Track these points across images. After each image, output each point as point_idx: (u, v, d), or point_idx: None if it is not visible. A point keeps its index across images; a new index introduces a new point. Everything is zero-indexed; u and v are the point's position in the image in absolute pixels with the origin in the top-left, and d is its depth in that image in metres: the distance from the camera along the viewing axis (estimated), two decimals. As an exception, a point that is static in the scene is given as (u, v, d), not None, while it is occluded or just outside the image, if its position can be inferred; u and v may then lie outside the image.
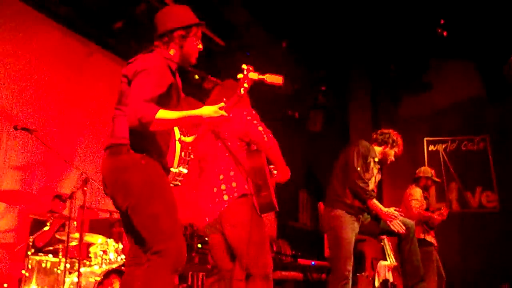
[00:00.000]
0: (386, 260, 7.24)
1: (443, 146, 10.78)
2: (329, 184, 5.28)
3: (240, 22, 8.54)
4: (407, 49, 9.71)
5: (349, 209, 4.99)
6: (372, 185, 5.23)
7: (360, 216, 5.06)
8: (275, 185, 4.12)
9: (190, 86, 8.36)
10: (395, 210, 5.08)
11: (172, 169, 3.23)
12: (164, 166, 3.23)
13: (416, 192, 7.37)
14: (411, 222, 5.19)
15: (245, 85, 3.21)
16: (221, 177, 3.90)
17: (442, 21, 8.85)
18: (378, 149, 5.40)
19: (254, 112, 3.99)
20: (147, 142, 3.14)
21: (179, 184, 3.32)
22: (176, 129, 3.31)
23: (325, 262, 7.17)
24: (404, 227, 4.95)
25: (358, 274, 7.32)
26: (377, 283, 7.10)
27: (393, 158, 5.49)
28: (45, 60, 7.42)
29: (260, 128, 3.89)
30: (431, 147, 10.87)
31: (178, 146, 3.30)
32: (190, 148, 3.31)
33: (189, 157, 3.30)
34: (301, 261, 7.97)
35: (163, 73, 3.18)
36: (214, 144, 4.02)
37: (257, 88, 4.02)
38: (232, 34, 8.65)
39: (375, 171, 5.30)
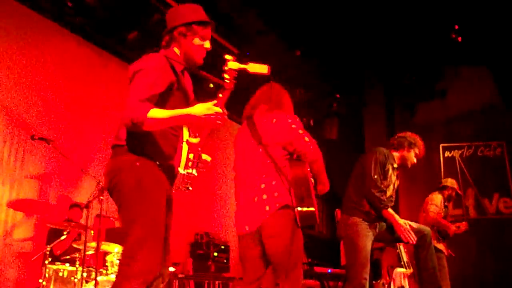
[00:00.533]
0: (401, 267, 7.20)
1: (459, 152, 10.71)
2: (345, 191, 5.25)
3: (254, 30, 8.56)
4: (421, 56, 9.67)
5: (365, 217, 4.95)
6: (390, 191, 5.18)
7: (377, 224, 5.02)
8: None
9: (205, 94, 8.38)
10: (409, 222, 5.06)
11: (179, 171, 3.06)
12: (168, 169, 3.15)
13: (437, 198, 7.35)
14: (427, 229, 5.14)
15: (226, 76, 3.13)
16: (263, 186, 3.75)
17: (456, 27, 8.81)
18: (396, 154, 5.34)
19: (298, 119, 3.90)
20: (148, 144, 3.09)
21: (190, 188, 3.14)
22: (185, 130, 3.14)
23: (342, 270, 7.13)
24: (415, 238, 4.89)
25: (374, 282, 7.28)
26: (393, 291, 7.05)
27: (414, 160, 5.40)
28: (61, 70, 7.49)
29: (307, 139, 3.78)
30: (447, 153, 10.81)
31: (185, 147, 3.11)
32: (199, 149, 3.13)
33: (199, 159, 3.13)
34: (318, 269, 7.94)
35: (161, 72, 3.11)
36: (255, 150, 3.92)
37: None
38: (246, 42, 8.67)
39: (394, 178, 5.25)
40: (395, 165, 5.24)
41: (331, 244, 10.78)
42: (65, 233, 6.10)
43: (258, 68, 3.31)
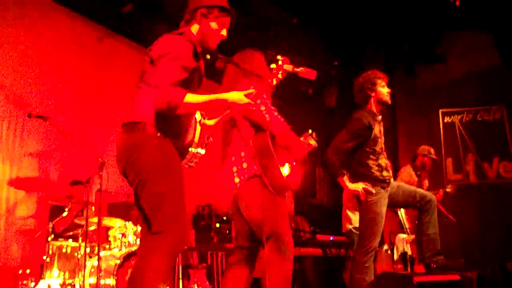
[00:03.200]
0: (403, 233, 7.24)
1: (459, 117, 10.67)
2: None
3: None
4: (420, 21, 9.57)
5: (383, 184, 4.94)
6: (382, 144, 5.13)
7: (389, 188, 5.01)
8: (294, 163, 4.06)
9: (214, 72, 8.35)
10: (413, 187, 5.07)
11: (190, 150, 3.24)
12: (180, 148, 3.23)
13: (404, 171, 7.45)
14: (431, 195, 5.14)
15: (279, 75, 3.21)
16: (233, 158, 3.88)
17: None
18: (371, 106, 5.16)
19: (261, 90, 3.92)
20: (165, 122, 3.13)
21: (194, 165, 3.34)
22: (197, 112, 3.32)
23: (343, 237, 7.15)
24: (371, 191, 4.86)
25: (377, 248, 7.33)
26: (395, 256, 7.10)
27: (386, 91, 5.15)
28: (57, 47, 7.45)
29: (262, 108, 3.80)
30: (447, 119, 10.76)
31: (198, 128, 3.30)
32: (209, 130, 3.30)
33: (208, 139, 3.31)
34: (320, 237, 7.96)
35: (188, 58, 3.19)
36: (229, 125, 4.00)
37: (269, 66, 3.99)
38: (244, 11, 8.58)
39: (382, 129, 5.18)
40: (379, 118, 5.14)
41: (332, 212, 10.82)
42: (66, 209, 6.11)
43: (309, 73, 3.59)
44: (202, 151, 3.29)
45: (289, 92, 10.71)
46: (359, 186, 4.86)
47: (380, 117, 5.15)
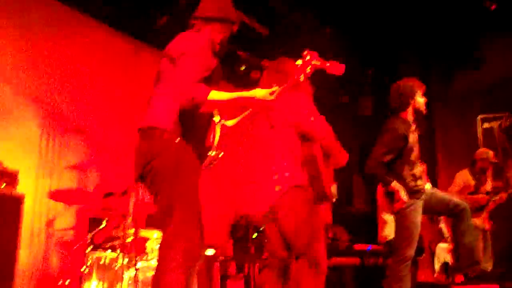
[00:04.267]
0: (444, 242, 7.13)
1: (498, 123, 10.49)
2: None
3: (284, 7, 8.46)
4: (456, 25, 9.46)
5: (417, 195, 4.89)
6: (417, 152, 5.08)
7: (423, 196, 4.95)
8: (333, 173, 4.05)
9: (236, 75, 8.37)
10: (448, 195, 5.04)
11: (210, 152, 3.18)
12: (200, 151, 3.18)
13: (459, 177, 7.30)
14: (465, 203, 5.06)
15: (308, 70, 3.17)
16: (274, 167, 3.85)
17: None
18: (408, 114, 5.13)
19: (308, 100, 3.90)
20: (183, 125, 3.11)
21: (213, 166, 3.26)
22: (216, 113, 3.27)
23: (380, 247, 7.09)
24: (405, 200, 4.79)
25: (417, 258, 7.23)
26: (437, 266, 7.00)
27: (423, 100, 5.16)
28: (94, 61, 7.55)
29: (312, 118, 3.80)
30: (486, 125, 10.59)
31: (218, 129, 3.23)
32: (229, 132, 3.26)
33: (227, 141, 3.25)
34: (357, 246, 7.90)
35: (208, 56, 3.19)
36: (268, 132, 3.97)
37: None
38: (276, 20, 8.59)
39: (415, 137, 5.12)
40: (413, 127, 5.09)
41: (369, 221, 10.72)
42: (104, 221, 6.16)
43: (337, 68, 3.59)
44: (221, 153, 3.22)
45: (324, 101, 10.68)
46: (406, 198, 4.80)
47: (414, 127, 5.10)
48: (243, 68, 8.75)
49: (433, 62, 10.73)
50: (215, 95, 3.01)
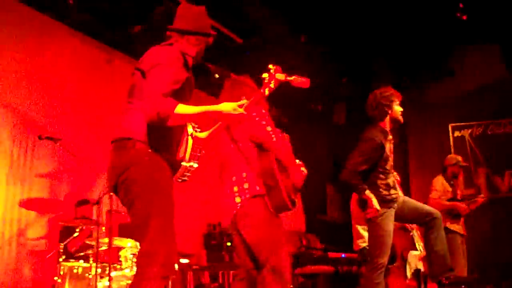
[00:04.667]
0: (416, 250, 7.19)
1: (469, 131, 10.65)
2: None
3: (259, 17, 8.50)
4: (429, 36, 9.58)
5: (390, 204, 4.94)
6: (391, 161, 5.13)
7: (396, 205, 5.00)
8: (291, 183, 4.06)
9: (210, 84, 8.36)
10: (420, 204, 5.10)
11: (183, 164, 3.18)
12: (172, 163, 3.19)
13: (437, 182, 7.33)
14: (437, 212, 5.12)
15: (271, 85, 3.21)
16: (234, 178, 3.89)
17: (461, 5, 8.71)
18: (385, 123, 5.16)
19: (264, 111, 3.93)
20: (156, 136, 3.11)
21: (187, 179, 3.28)
22: (188, 125, 3.28)
23: (355, 255, 7.13)
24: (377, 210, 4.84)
25: (389, 266, 7.28)
26: (408, 273, 7.06)
27: (400, 110, 5.17)
28: (67, 69, 7.49)
29: (269, 128, 3.83)
30: (457, 133, 10.74)
31: (190, 141, 3.24)
32: (201, 144, 3.26)
33: (200, 152, 3.24)
34: (331, 254, 7.94)
35: (180, 68, 3.19)
36: (229, 145, 4.01)
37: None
38: (251, 29, 8.63)
39: (391, 147, 5.18)
40: (390, 137, 5.14)
41: (343, 229, 10.77)
42: (77, 230, 6.11)
43: (302, 82, 3.59)
44: (195, 165, 3.23)
45: (298, 109, 10.73)
46: (378, 207, 4.84)
47: (391, 137, 5.16)
48: (217, 76, 8.75)
49: (407, 71, 10.84)
50: (181, 109, 3.01)
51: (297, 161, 4.15)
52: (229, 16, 7.98)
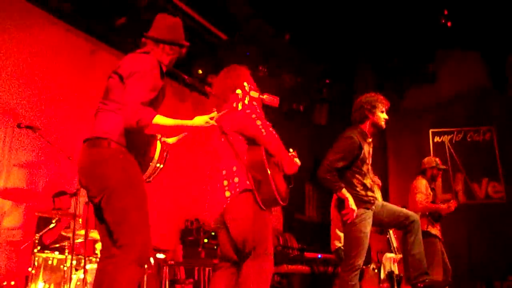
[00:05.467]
0: (391, 252, 7.24)
1: (449, 137, 10.73)
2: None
3: (243, 16, 8.50)
4: (411, 40, 9.65)
5: (367, 205, 4.95)
6: (369, 165, 5.16)
7: (373, 207, 5.02)
8: (283, 178, 4.08)
9: (193, 78, 8.34)
10: (398, 208, 5.12)
11: (151, 164, 3.43)
12: (141, 163, 3.36)
13: (421, 185, 7.33)
14: (416, 215, 5.15)
15: (246, 101, 3.43)
16: (224, 172, 3.89)
17: (445, 12, 8.79)
18: (366, 126, 5.18)
19: (255, 104, 3.95)
20: (128, 139, 3.25)
21: (151, 180, 3.52)
22: None
23: (332, 255, 7.15)
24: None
25: (364, 267, 7.31)
26: (382, 275, 7.09)
27: (384, 117, 5.20)
28: (48, 58, 7.43)
29: (258, 122, 3.84)
30: (437, 139, 10.82)
31: (159, 145, 3.49)
32: (168, 147, 3.55)
33: (167, 155, 3.52)
34: (308, 254, 7.96)
35: (157, 78, 3.32)
36: (219, 138, 4.01)
37: (261, 82, 4.02)
38: (235, 27, 8.63)
39: (370, 150, 5.21)
40: (369, 140, 5.17)
41: (321, 229, 10.80)
42: (54, 221, 6.07)
43: (272, 101, 3.92)
44: (161, 166, 3.50)
45: (279, 109, 10.73)
46: (355, 208, 4.86)
47: (370, 139, 5.18)
48: (200, 72, 8.73)
49: (387, 76, 10.90)
50: (159, 120, 3.18)
51: (291, 150, 4.16)
52: (213, 12, 7.97)
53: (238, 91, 3.52)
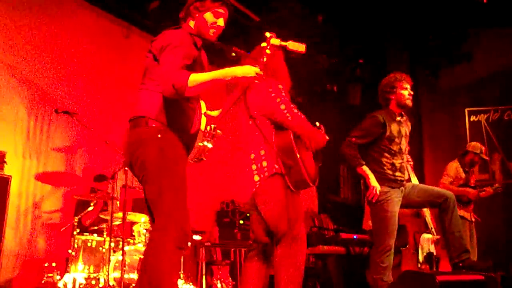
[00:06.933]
0: (428, 233, 7.19)
1: (485, 116, 10.55)
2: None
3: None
4: (445, 19, 9.49)
5: (393, 184, 4.93)
6: (404, 144, 5.13)
7: (403, 188, 4.99)
8: (313, 157, 4.07)
9: (227, 62, 8.33)
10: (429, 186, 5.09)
11: (196, 144, 3.22)
12: (185, 141, 3.25)
13: (451, 167, 7.27)
14: (449, 193, 5.09)
15: (267, 51, 3.20)
16: (252, 156, 3.89)
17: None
18: (391, 107, 5.15)
19: (280, 87, 3.91)
20: (168, 116, 3.19)
21: (204, 159, 3.30)
22: (202, 103, 3.33)
23: (366, 236, 7.14)
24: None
25: (402, 248, 7.28)
26: (420, 257, 7.05)
27: (407, 94, 5.11)
28: (83, 43, 7.51)
29: (283, 107, 3.79)
30: (473, 118, 10.66)
31: (203, 120, 3.29)
32: (215, 123, 3.26)
33: (215, 131, 3.23)
34: (343, 235, 7.94)
35: (189, 47, 3.25)
36: (247, 122, 4.01)
37: (295, 63, 3.95)
38: (267, 8, 8.59)
39: (403, 129, 5.15)
40: (399, 118, 5.13)
41: (356, 210, 10.77)
42: (92, 204, 6.18)
43: (297, 47, 3.49)
44: (209, 145, 3.23)
45: (313, 89, 10.70)
46: (377, 185, 4.84)
47: (400, 118, 5.13)
48: (233, 54, 8.72)
49: (422, 56, 10.76)
50: (195, 77, 3.04)
51: (317, 124, 4.11)
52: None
53: (263, 44, 3.36)
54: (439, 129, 11.02)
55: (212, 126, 3.23)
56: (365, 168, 4.89)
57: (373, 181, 4.85)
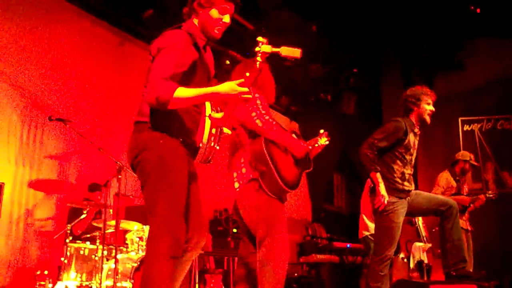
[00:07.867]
0: (420, 241, 7.20)
1: (479, 126, 10.60)
2: None
3: (270, 5, 8.49)
4: (439, 28, 9.54)
5: (400, 194, 4.94)
6: (413, 156, 5.16)
7: (409, 198, 5.00)
8: (296, 162, 4.07)
9: (221, 71, 8.36)
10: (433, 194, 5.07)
11: (201, 145, 3.12)
12: (190, 145, 3.18)
13: (442, 178, 7.30)
14: (452, 201, 5.11)
15: (258, 58, 3.13)
16: (234, 164, 3.95)
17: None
18: (412, 119, 5.21)
19: (256, 95, 3.90)
20: (170, 120, 3.11)
21: (211, 161, 3.24)
22: (207, 105, 3.16)
23: (361, 245, 7.14)
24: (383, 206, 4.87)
25: (393, 256, 7.29)
26: (412, 265, 7.07)
27: (430, 109, 5.20)
28: (78, 51, 7.50)
29: (253, 114, 3.82)
30: (466, 127, 10.70)
31: (208, 122, 3.15)
32: (220, 124, 3.14)
33: (221, 133, 3.17)
34: (337, 244, 7.95)
35: (185, 51, 3.11)
36: (232, 132, 4.04)
37: (288, 72, 3.96)
38: (262, 17, 8.61)
39: (416, 142, 5.21)
40: (416, 130, 5.18)
41: (349, 219, 10.78)
42: (84, 212, 6.16)
43: (291, 52, 3.32)
44: (216, 146, 3.16)
45: (307, 98, 10.73)
46: (386, 195, 4.85)
47: (417, 131, 5.18)
48: (228, 62, 8.75)
49: (415, 64, 10.81)
50: (181, 92, 2.92)
51: (321, 131, 4.13)
52: (241, 3, 7.96)
53: (257, 48, 3.28)
54: (433, 138, 11.04)
55: (217, 129, 3.16)
56: (378, 175, 4.89)
57: (382, 190, 4.86)
